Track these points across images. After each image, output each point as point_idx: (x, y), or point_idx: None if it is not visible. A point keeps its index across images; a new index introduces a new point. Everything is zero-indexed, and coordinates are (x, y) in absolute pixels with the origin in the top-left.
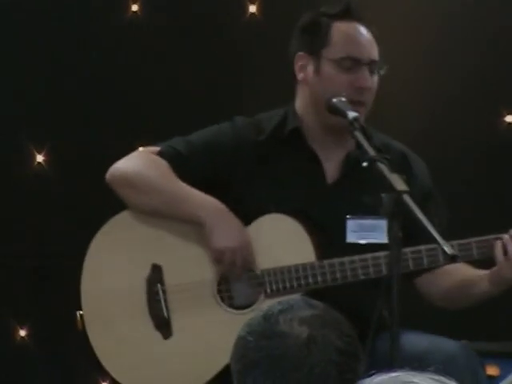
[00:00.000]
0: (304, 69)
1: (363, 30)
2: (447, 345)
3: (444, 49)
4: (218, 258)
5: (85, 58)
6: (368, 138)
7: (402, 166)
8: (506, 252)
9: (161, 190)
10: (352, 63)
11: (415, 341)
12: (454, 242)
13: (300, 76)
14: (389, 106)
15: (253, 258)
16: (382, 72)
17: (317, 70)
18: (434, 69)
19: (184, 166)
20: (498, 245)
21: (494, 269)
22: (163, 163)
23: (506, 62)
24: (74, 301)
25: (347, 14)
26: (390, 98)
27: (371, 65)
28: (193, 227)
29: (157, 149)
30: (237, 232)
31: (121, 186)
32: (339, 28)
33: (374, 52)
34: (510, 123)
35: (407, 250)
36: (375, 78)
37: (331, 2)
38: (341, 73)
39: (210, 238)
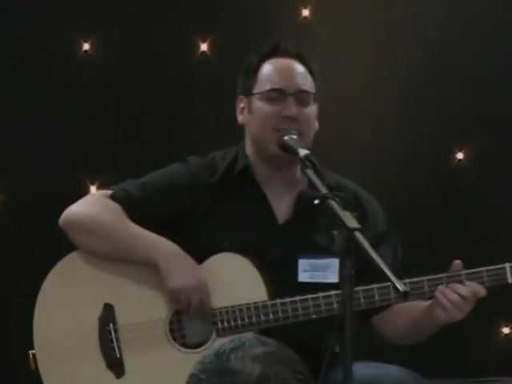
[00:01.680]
0: (243, 111)
1: (292, 63)
2: (395, 372)
3: (397, 86)
4: (173, 298)
5: (35, 96)
6: (320, 175)
7: (354, 206)
8: (444, 296)
9: (115, 236)
10: (277, 94)
11: (364, 369)
12: (406, 281)
13: (239, 118)
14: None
15: (208, 297)
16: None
17: (249, 109)
18: (388, 105)
19: (137, 210)
20: (439, 287)
21: (430, 305)
22: (116, 207)
23: (457, 98)
24: (26, 340)
25: (276, 51)
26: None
27: (298, 95)
28: (145, 266)
29: (109, 192)
30: (192, 272)
31: (74, 230)
32: (267, 65)
33: (301, 82)
34: (460, 160)
35: (359, 288)
36: (308, 109)
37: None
38: (268, 105)
39: (166, 279)
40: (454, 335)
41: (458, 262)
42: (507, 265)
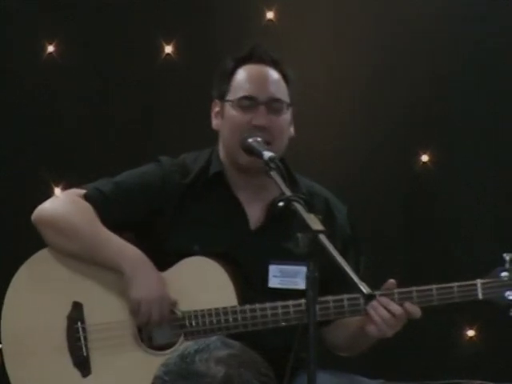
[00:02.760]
0: (217, 115)
1: (266, 71)
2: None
3: (361, 87)
4: (134, 308)
5: (4, 98)
6: (287, 178)
7: (324, 211)
8: (376, 312)
9: (82, 236)
10: (249, 102)
11: (331, 380)
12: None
13: (214, 123)
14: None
15: (168, 310)
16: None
17: (222, 115)
18: (351, 107)
19: (109, 209)
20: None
21: (363, 320)
22: (88, 207)
23: (421, 101)
24: None
25: (251, 57)
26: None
27: (270, 103)
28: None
29: (82, 191)
30: (155, 284)
31: (45, 227)
32: (241, 71)
33: (274, 90)
34: (425, 162)
35: (329, 298)
36: (281, 117)
37: (244, 44)
38: (239, 113)
39: (129, 288)
40: (419, 338)
41: (392, 281)
42: (478, 281)
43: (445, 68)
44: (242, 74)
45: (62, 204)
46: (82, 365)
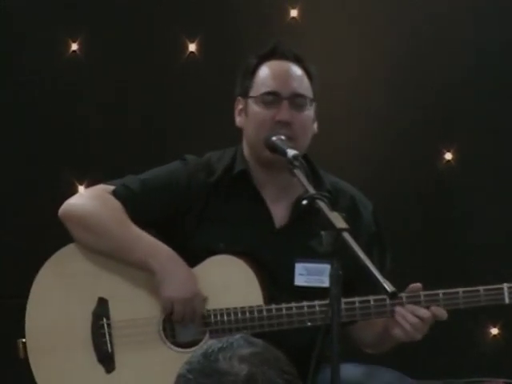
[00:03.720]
0: (241, 113)
1: (289, 66)
2: (383, 374)
3: (385, 85)
4: (167, 307)
5: (23, 97)
6: (311, 176)
7: (350, 208)
8: (403, 318)
9: (113, 235)
10: (272, 98)
11: (351, 370)
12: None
13: (237, 120)
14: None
15: (203, 307)
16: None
17: (246, 112)
18: (375, 105)
19: (138, 206)
20: (398, 309)
21: (389, 324)
22: (117, 205)
23: (446, 99)
24: (14, 334)
25: (274, 54)
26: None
27: (293, 99)
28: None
29: (110, 188)
30: (187, 282)
31: (73, 224)
32: (264, 67)
33: (297, 86)
34: (448, 160)
35: (356, 299)
36: (304, 113)
37: (267, 42)
38: (263, 108)
39: (161, 287)
40: (443, 336)
41: (418, 284)
42: (505, 285)
43: (470, 65)
44: (264, 70)
45: (90, 200)
46: (106, 361)
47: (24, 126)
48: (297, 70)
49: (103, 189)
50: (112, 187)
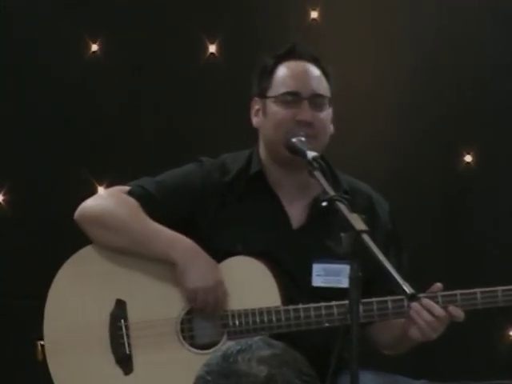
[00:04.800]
0: (258, 113)
1: (307, 67)
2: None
3: (405, 86)
4: (191, 297)
5: (44, 98)
6: (329, 177)
7: (367, 208)
8: (419, 315)
9: (131, 229)
10: (292, 98)
11: (373, 380)
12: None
13: (254, 120)
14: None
15: (225, 297)
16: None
17: (264, 112)
18: (395, 106)
19: (153, 207)
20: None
21: (405, 323)
22: (133, 202)
23: (465, 101)
24: (33, 336)
25: (292, 54)
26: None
27: (313, 99)
28: (159, 264)
29: (126, 188)
30: (210, 271)
31: (90, 224)
32: (282, 67)
33: (316, 86)
34: (468, 162)
35: (373, 299)
36: (323, 113)
37: (287, 44)
38: (282, 108)
39: (183, 278)
40: (461, 338)
41: (438, 284)
42: None
43: (489, 67)
44: (283, 70)
45: (106, 200)
46: (125, 362)
47: (44, 127)
48: (315, 70)
49: (118, 190)
50: (128, 188)
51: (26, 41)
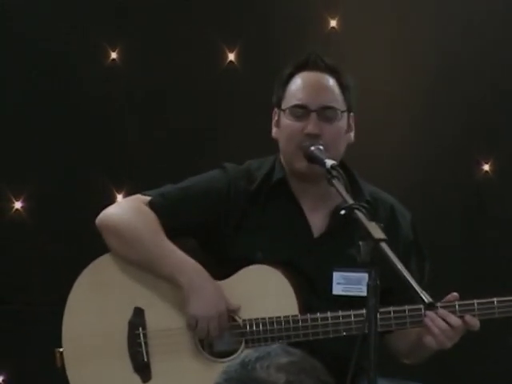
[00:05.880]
0: (277, 124)
1: (320, 78)
2: None
3: (424, 96)
4: (191, 324)
5: (64, 105)
6: (349, 186)
7: (389, 218)
8: (434, 323)
9: (144, 246)
10: (301, 110)
11: None
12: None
13: (273, 132)
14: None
15: (227, 324)
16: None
17: (278, 123)
18: (414, 115)
19: (174, 215)
20: (429, 313)
21: (421, 331)
22: (153, 217)
23: (483, 110)
24: (52, 343)
25: (307, 65)
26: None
27: (322, 111)
28: None
29: (147, 198)
30: (214, 301)
31: (108, 232)
32: (295, 79)
33: (327, 98)
34: (486, 171)
35: (391, 308)
36: (334, 124)
37: (305, 52)
38: (292, 121)
39: (187, 304)
40: (479, 347)
41: (455, 294)
42: None
43: (507, 76)
44: (295, 82)
45: (126, 211)
46: (143, 370)
47: (65, 134)
48: (327, 81)
49: (140, 199)
50: (149, 198)
51: (46, 50)
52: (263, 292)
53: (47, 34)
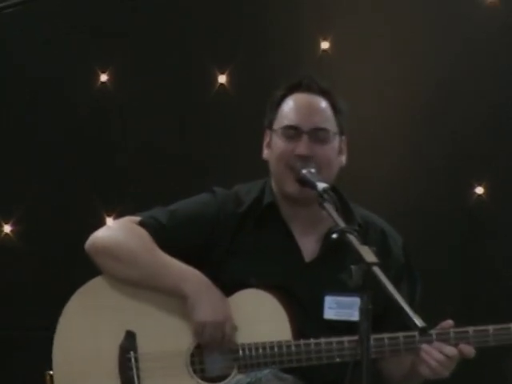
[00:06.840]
0: (268, 145)
1: (312, 100)
2: None
3: (415, 120)
4: (198, 330)
5: (52, 126)
6: (341, 209)
7: (380, 242)
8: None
9: (142, 262)
10: (293, 132)
11: None
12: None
13: (264, 153)
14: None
15: (233, 332)
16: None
17: (269, 145)
18: (405, 139)
19: (166, 238)
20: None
21: (415, 361)
22: (145, 234)
23: (476, 133)
24: (42, 368)
25: (299, 87)
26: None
27: (313, 133)
28: (169, 296)
29: (137, 218)
30: (220, 306)
31: (100, 255)
32: (288, 100)
33: (319, 120)
34: (479, 195)
35: (384, 335)
36: (326, 146)
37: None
38: (283, 142)
39: (193, 311)
40: (473, 372)
41: (449, 321)
42: None
43: (502, 98)
44: (288, 104)
45: (117, 231)
46: None
47: (54, 158)
48: (320, 103)
49: (130, 220)
50: (139, 218)
51: (36, 72)
52: (257, 317)
53: (35, 56)
